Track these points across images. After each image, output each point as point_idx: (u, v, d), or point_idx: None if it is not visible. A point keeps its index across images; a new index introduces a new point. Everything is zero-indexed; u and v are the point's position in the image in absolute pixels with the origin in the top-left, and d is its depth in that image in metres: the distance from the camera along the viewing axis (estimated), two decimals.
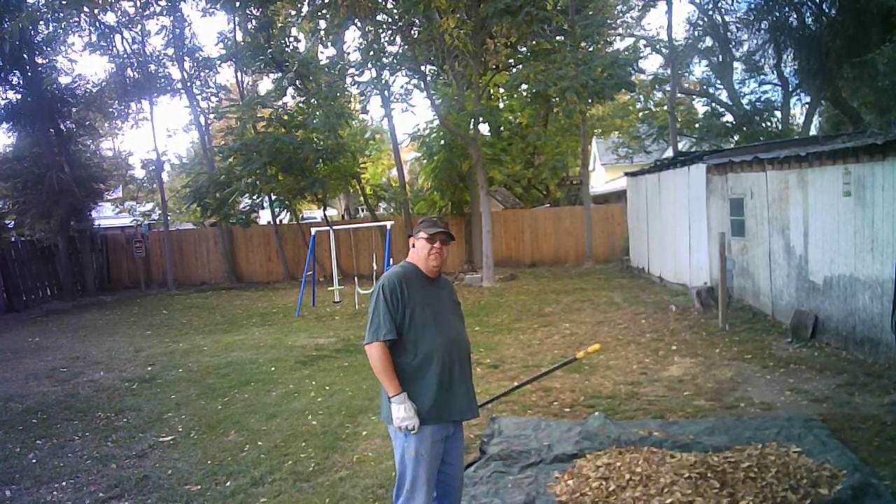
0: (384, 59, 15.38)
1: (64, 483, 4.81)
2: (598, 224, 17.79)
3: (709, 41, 19.54)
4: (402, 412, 2.96)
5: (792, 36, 15.37)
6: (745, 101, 19.48)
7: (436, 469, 3.07)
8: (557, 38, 14.44)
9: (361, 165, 20.03)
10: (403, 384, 3.00)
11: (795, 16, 15.56)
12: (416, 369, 3.02)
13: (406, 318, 3.02)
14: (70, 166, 17.23)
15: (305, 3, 17.98)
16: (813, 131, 19.45)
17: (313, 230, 13.48)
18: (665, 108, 20.22)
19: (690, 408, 5.50)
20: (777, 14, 15.76)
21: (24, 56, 16.40)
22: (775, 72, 18.98)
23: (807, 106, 19.95)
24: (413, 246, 3.22)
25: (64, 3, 15.31)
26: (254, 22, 17.77)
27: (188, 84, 18.70)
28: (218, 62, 18.68)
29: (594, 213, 17.73)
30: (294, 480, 4.55)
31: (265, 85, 22.46)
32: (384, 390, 3.08)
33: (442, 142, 17.76)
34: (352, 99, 19.06)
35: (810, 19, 15.51)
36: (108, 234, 20.04)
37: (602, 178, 29.95)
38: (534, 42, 15.25)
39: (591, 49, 14.47)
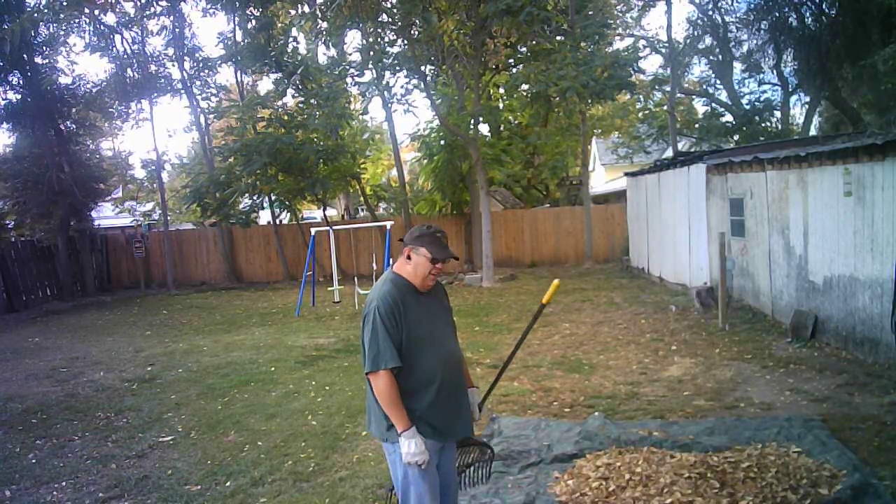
0: (385, 61, 15.38)
1: (64, 483, 4.81)
2: (598, 224, 17.79)
3: (708, 41, 19.57)
4: (412, 447, 2.79)
5: (792, 36, 15.38)
6: (744, 101, 19.49)
7: (437, 480, 2.99)
8: (558, 38, 14.44)
9: (361, 166, 20.04)
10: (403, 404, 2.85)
11: (795, 16, 15.58)
12: (415, 391, 2.88)
13: (403, 340, 2.84)
14: (70, 166, 17.21)
15: (306, 4, 18.01)
16: (813, 131, 19.48)
17: (313, 230, 13.47)
18: (665, 108, 20.22)
19: (690, 408, 5.50)
20: (777, 14, 15.77)
21: (24, 56, 16.38)
22: (775, 72, 19.01)
23: (807, 106, 19.98)
24: (408, 258, 2.95)
25: (65, 3, 15.31)
26: (254, 22, 17.77)
27: (188, 84, 18.69)
28: (218, 62, 18.68)
29: (594, 213, 17.73)
30: (294, 480, 4.55)
31: (265, 85, 22.48)
32: (372, 401, 2.94)
33: (442, 142, 17.77)
34: (352, 99, 19.06)
35: (810, 19, 15.53)
36: (108, 234, 20.02)
37: (602, 178, 29.94)
38: (534, 42, 15.25)
39: (591, 49, 14.46)
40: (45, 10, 15.90)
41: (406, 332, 2.85)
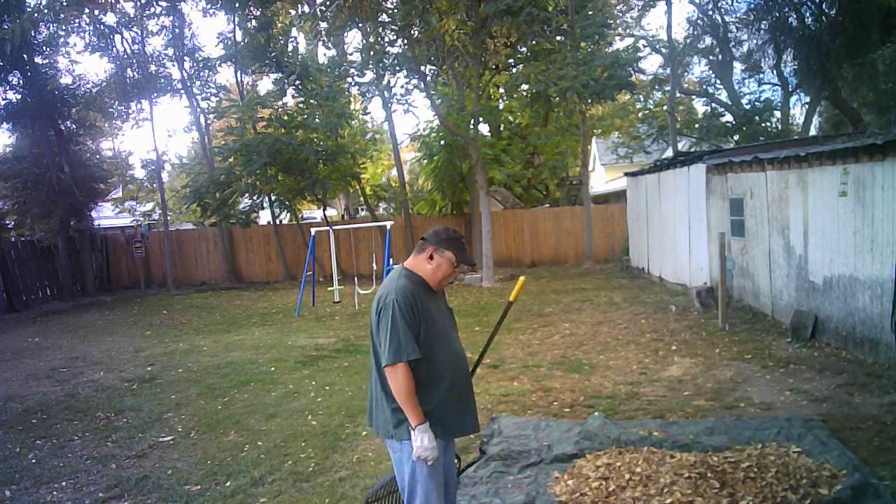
0: (385, 61, 15.38)
1: (64, 483, 4.81)
2: (598, 224, 17.79)
3: (708, 41, 19.56)
4: (425, 441, 2.79)
5: (792, 36, 15.37)
6: (744, 101, 19.48)
7: (442, 478, 3.01)
8: (558, 38, 14.45)
9: (361, 166, 20.06)
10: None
11: (795, 16, 15.57)
12: (426, 387, 2.88)
13: (420, 335, 2.85)
14: (70, 166, 17.22)
15: (306, 4, 18.00)
16: (813, 131, 19.47)
17: (313, 230, 13.48)
18: (665, 108, 20.21)
19: (690, 408, 5.50)
20: (777, 14, 15.76)
21: (24, 56, 16.38)
22: (775, 72, 19.00)
23: (807, 106, 19.96)
24: (430, 258, 2.98)
25: (65, 3, 15.31)
26: (254, 22, 17.78)
27: (188, 84, 18.70)
28: (218, 62, 18.69)
29: (594, 213, 17.73)
30: (294, 480, 4.55)
31: (265, 85, 22.47)
32: (379, 397, 2.94)
33: (442, 142, 17.77)
34: (352, 99, 19.07)
35: (810, 19, 15.52)
36: (107, 234, 20.02)
37: (602, 178, 29.94)
38: (534, 42, 15.26)
39: (591, 49, 14.46)
40: (45, 11, 15.91)
41: (423, 327, 2.86)
